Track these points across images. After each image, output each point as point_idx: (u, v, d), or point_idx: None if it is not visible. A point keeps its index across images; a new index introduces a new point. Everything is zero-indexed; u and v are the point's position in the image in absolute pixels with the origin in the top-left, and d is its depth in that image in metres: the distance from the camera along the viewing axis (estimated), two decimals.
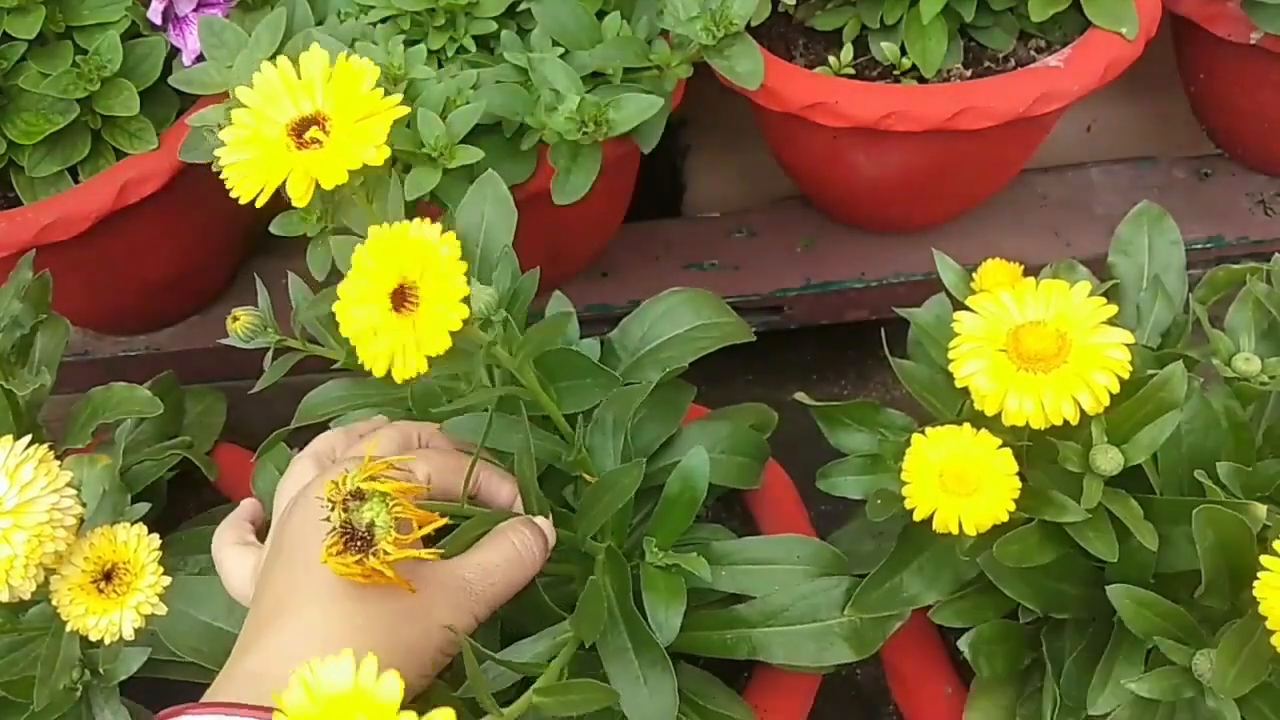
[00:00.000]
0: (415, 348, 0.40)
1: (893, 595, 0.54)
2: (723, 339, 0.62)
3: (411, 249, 0.41)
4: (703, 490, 0.56)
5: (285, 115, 0.45)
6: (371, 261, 0.41)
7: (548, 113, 0.66)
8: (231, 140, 0.45)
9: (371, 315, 0.41)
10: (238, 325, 0.56)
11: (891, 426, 0.58)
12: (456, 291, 0.40)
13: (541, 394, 0.53)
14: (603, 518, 0.52)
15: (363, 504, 0.39)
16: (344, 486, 0.39)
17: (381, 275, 0.41)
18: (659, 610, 0.53)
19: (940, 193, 0.81)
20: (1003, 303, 0.47)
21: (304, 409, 0.61)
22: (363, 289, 0.41)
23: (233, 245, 0.89)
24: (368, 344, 0.41)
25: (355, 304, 0.41)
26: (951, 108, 0.69)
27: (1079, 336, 0.45)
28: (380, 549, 0.39)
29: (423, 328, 0.40)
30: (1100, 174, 0.89)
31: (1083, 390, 0.43)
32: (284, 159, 0.43)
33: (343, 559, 0.39)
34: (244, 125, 0.45)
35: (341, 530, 0.39)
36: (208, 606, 0.55)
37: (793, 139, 0.80)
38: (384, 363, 0.40)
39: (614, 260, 0.88)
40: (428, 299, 0.40)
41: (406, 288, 0.40)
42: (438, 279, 0.40)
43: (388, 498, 0.39)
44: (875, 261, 0.86)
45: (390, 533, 0.39)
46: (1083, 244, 0.85)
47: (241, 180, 0.44)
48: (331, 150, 0.43)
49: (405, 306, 0.40)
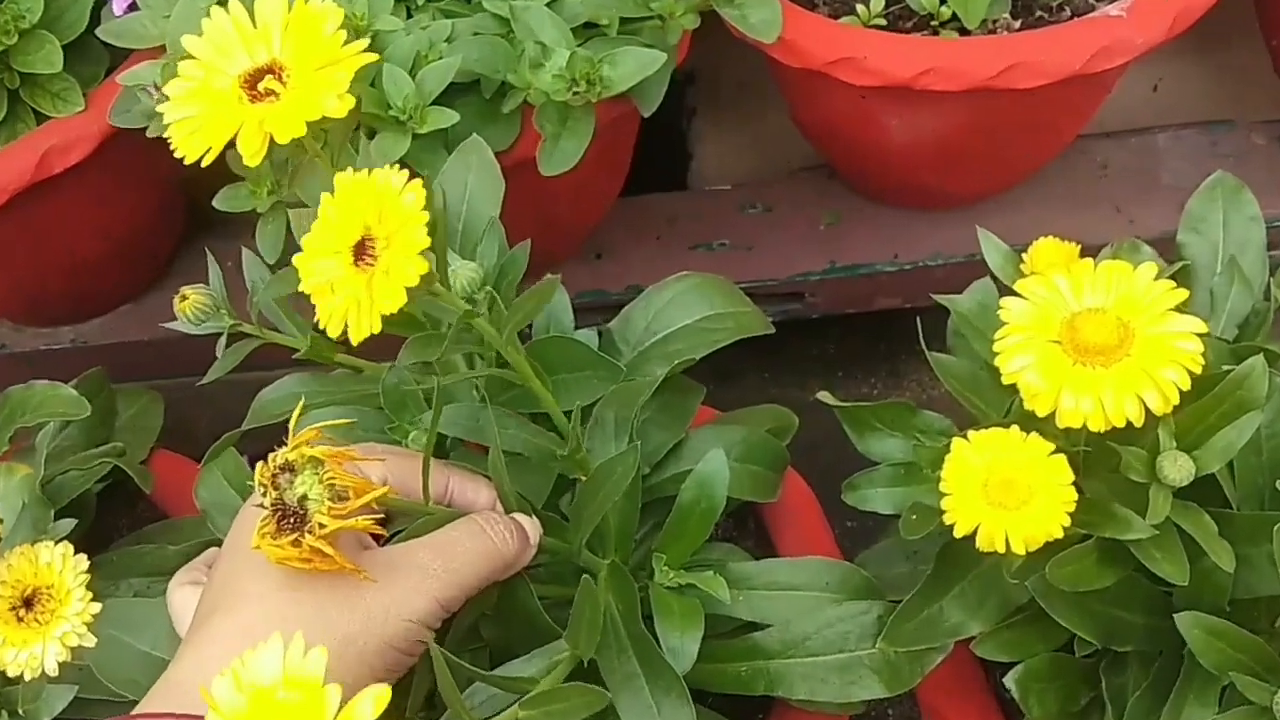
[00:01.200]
0: (370, 304, 0.41)
1: (930, 625, 0.54)
2: (737, 331, 0.62)
3: (374, 197, 0.42)
4: (721, 499, 0.56)
5: (237, 66, 0.45)
6: (335, 211, 0.42)
7: (533, 69, 0.66)
8: (177, 94, 0.46)
9: (332, 269, 0.42)
10: (186, 305, 0.55)
11: (928, 430, 0.58)
12: (415, 243, 0.41)
13: (532, 377, 0.53)
14: (597, 517, 0.52)
15: (294, 478, 0.40)
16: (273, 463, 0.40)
17: (345, 226, 0.42)
18: (673, 635, 0.54)
19: (984, 161, 0.81)
20: (1056, 287, 0.46)
21: (258, 407, 0.61)
22: (325, 240, 0.42)
23: (170, 223, 0.89)
24: (325, 301, 0.42)
25: (317, 256, 0.42)
26: (998, 63, 0.69)
27: (1144, 326, 0.45)
28: (314, 523, 0.39)
29: (378, 283, 0.41)
30: (1168, 140, 0.89)
31: (1148, 387, 0.43)
32: (235, 113, 0.44)
33: (277, 541, 0.39)
34: (191, 78, 0.46)
35: (273, 509, 0.40)
36: (146, 633, 0.56)
37: (815, 100, 0.80)
38: (339, 321, 0.42)
39: (610, 240, 0.88)
40: (385, 252, 0.41)
41: (368, 240, 0.41)
42: (397, 229, 0.41)
43: (320, 466, 0.40)
44: (909, 241, 0.86)
45: (324, 504, 0.40)
46: (1148, 220, 0.85)
47: (187, 138, 0.45)
48: (288, 101, 0.44)
49: (363, 260, 0.41)
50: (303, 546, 0.39)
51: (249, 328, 0.57)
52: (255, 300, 0.57)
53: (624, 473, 0.52)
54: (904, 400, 0.59)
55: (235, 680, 0.31)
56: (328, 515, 0.39)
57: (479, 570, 0.46)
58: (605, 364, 0.55)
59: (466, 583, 0.46)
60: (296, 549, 0.39)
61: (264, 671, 0.31)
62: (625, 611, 0.53)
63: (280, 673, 0.31)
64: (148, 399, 0.80)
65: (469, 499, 0.52)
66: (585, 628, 0.50)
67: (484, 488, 0.52)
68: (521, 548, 0.49)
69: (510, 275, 0.54)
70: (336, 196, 0.43)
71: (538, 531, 0.51)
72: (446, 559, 0.45)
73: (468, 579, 0.46)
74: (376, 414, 0.58)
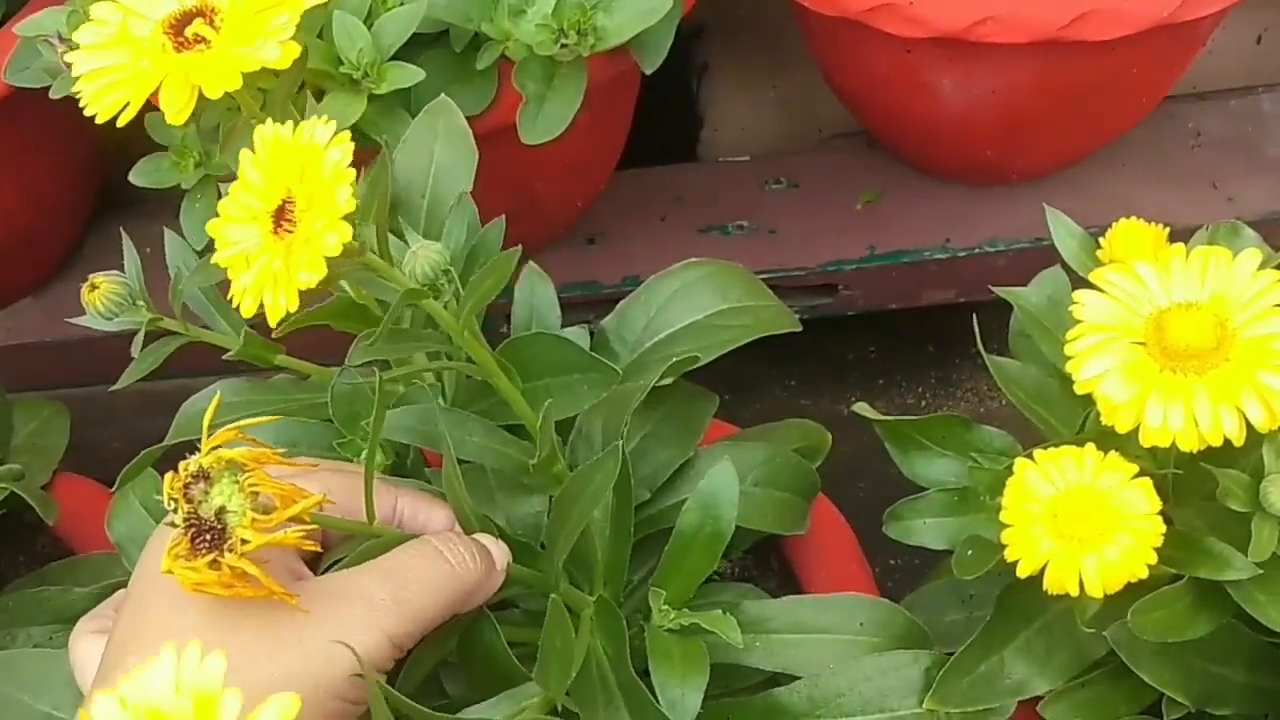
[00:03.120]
0: (286, 277, 0.42)
1: (989, 681, 0.54)
2: (757, 329, 0.62)
3: (297, 156, 0.42)
4: (729, 523, 0.56)
5: (161, 8, 0.46)
6: (255, 173, 0.43)
7: (512, 18, 0.66)
8: (89, 42, 0.46)
9: (249, 237, 0.43)
10: (96, 296, 0.56)
11: (986, 449, 0.59)
12: (337, 206, 0.41)
13: (496, 372, 0.53)
14: (573, 536, 0.52)
15: (210, 488, 0.40)
16: (185, 472, 0.40)
17: (266, 189, 0.43)
18: (672, 686, 0.54)
19: (1052, 129, 0.81)
20: (1141, 278, 0.47)
21: (184, 419, 0.61)
22: (243, 206, 0.43)
23: (76, 201, 0.89)
24: (240, 274, 0.43)
25: (233, 223, 0.43)
26: (1069, 11, 0.69)
27: (1245, 325, 0.45)
28: (235, 539, 0.39)
29: (296, 252, 0.41)
30: (1274, 103, 0.90)
31: (1251, 399, 0.43)
32: (158, 62, 0.44)
33: (192, 563, 0.39)
34: (106, 22, 0.46)
35: (186, 525, 0.39)
36: (47, 692, 0.56)
37: (850, 55, 0.80)
38: (254, 298, 0.42)
39: (604, 221, 0.88)
40: (305, 217, 0.42)
41: (289, 204, 0.42)
42: (318, 190, 0.42)
43: (240, 471, 0.40)
44: (963, 223, 0.86)
45: (246, 515, 0.39)
46: (1250, 198, 0.85)
47: (99, 93, 0.45)
48: (221, 49, 0.44)
49: (283, 227, 0.42)
50: (222, 568, 0.39)
51: (171, 323, 0.57)
52: (179, 290, 0.57)
53: (603, 481, 0.51)
54: (957, 414, 0.59)
55: (119, 700, 0.31)
56: (250, 529, 0.39)
57: (435, 599, 0.46)
58: (597, 366, 0.55)
59: (421, 615, 0.45)
60: (215, 571, 0.39)
61: (155, 687, 0.31)
62: (614, 656, 0.53)
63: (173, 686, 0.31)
64: (50, 412, 0.81)
65: (420, 522, 0.52)
66: (556, 662, 0.49)
67: (439, 509, 0.52)
68: (486, 573, 0.49)
69: (481, 258, 0.54)
70: (257, 155, 0.43)
71: (505, 556, 0.51)
72: (396, 586, 0.45)
73: (423, 610, 0.46)
74: (324, 427, 0.58)
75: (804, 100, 0.93)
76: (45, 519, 0.73)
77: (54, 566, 0.74)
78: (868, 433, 0.60)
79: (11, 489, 0.71)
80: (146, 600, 0.44)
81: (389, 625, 0.44)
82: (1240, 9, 0.71)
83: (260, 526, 0.39)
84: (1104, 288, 0.47)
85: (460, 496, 0.51)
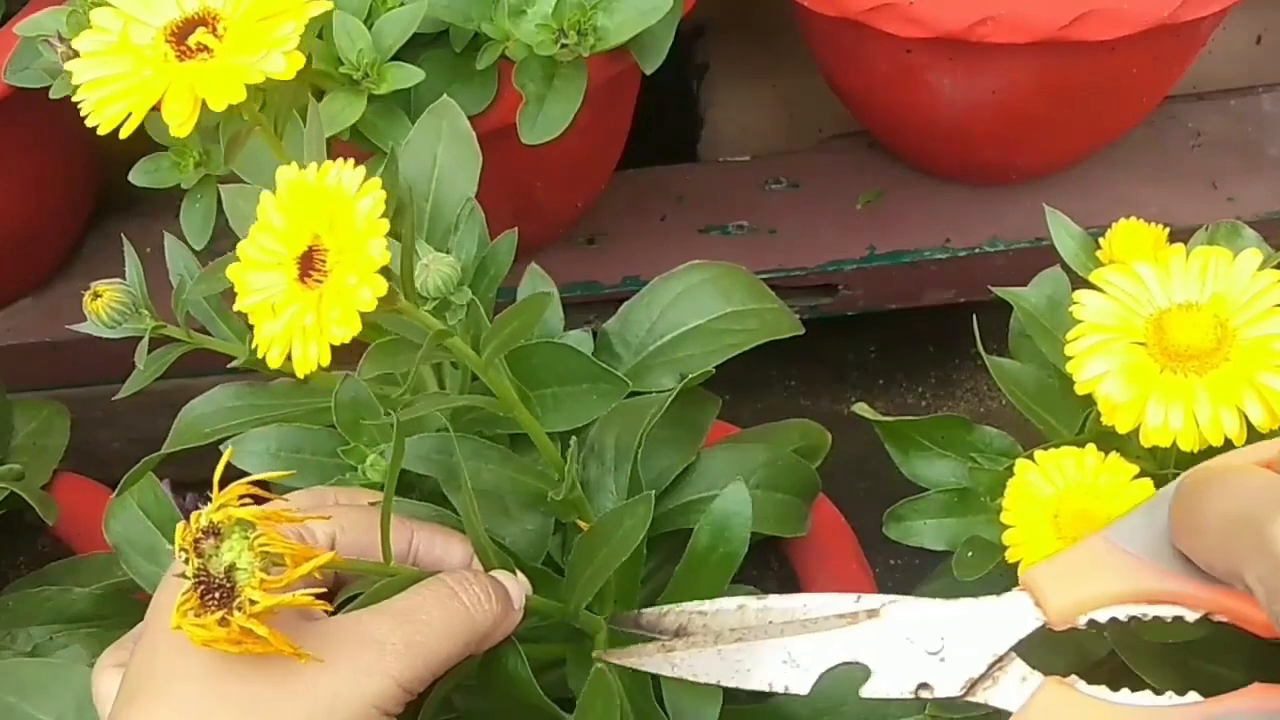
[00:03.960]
0: (317, 331, 0.41)
1: None
2: (761, 333, 0.62)
3: (324, 201, 0.41)
4: (743, 544, 0.56)
5: (163, 16, 0.45)
6: (278, 216, 0.42)
7: (512, 18, 0.66)
8: (90, 50, 0.45)
9: (274, 285, 0.41)
10: (99, 305, 0.55)
11: (986, 450, 0.58)
12: (370, 260, 0.40)
13: (518, 403, 0.53)
14: (600, 579, 0.52)
15: (220, 544, 0.39)
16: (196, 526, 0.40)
17: (290, 234, 0.42)
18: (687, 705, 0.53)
19: (1053, 129, 0.81)
20: (1141, 279, 0.47)
21: (183, 425, 0.61)
22: (266, 250, 0.42)
23: (76, 201, 0.89)
24: (265, 324, 0.42)
25: (255, 269, 0.42)
26: (1069, 11, 0.69)
27: (1245, 325, 0.45)
28: (244, 599, 0.39)
29: (327, 305, 0.41)
30: (1274, 103, 0.90)
31: (1251, 399, 0.43)
32: (161, 72, 0.44)
33: (200, 620, 0.39)
34: (106, 30, 0.46)
35: (196, 581, 0.39)
36: (49, 700, 0.55)
37: (850, 55, 0.80)
38: (281, 349, 0.41)
39: (604, 222, 0.88)
40: (337, 268, 0.41)
41: (316, 252, 0.41)
42: (350, 241, 0.41)
43: (249, 529, 0.39)
44: (963, 223, 0.86)
45: (255, 574, 0.39)
46: (1250, 198, 0.85)
47: (102, 102, 0.44)
48: (225, 58, 0.44)
49: (311, 276, 0.41)
50: (230, 626, 0.39)
51: (174, 330, 0.57)
52: (181, 300, 0.57)
53: (635, 528, 0.51)
54: (957, 415, 0.59)
55: None
56: (259, 589, 0.39)
57: (448, 643, 0.46)
58: (606, 377, 0.55)
59: (433, 659, 0.45)
60: (224, 629, 0.39)
61: None
62: (631, 686, 0.53)
63: None
64: (50, 412, 0.81)
65: (436, 557, 0.51)
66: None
67: (456, 544, 0.52)
68: (503, 613, 0.48)
69: (493, 271, 0.54)
70: (280, 197, 0.42)
71: (523, 592, 0.50)
72: (408, 630, 0.44)
73: (434, 654, 0.45)
74: (327, 434, 0.58)
75: (804, 100, 0.93)
76: (45, 519, 0.73)
77: (54, 566, 0.74)
78: (868, 433, 0.60)
79: (11, 489, 0.71)
80: (158, 641, 0.44)
81: (399, 671, 0.44)
82: (1240, 9, 0.71)
83: (269, 586, 0.39)
84: (1104, 288, 0.47)
85: (478, 531, 0.50)
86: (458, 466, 0.52)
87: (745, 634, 0.47)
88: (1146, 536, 0.42)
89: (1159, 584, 0.41)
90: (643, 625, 0.50)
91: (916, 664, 0.44)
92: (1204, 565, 0.39)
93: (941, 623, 0.45)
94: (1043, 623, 0.43)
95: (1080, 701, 0.42)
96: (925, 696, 0.44)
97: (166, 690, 0.42)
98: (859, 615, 0.46)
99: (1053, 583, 0.43)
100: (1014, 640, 0.43)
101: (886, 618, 0.45)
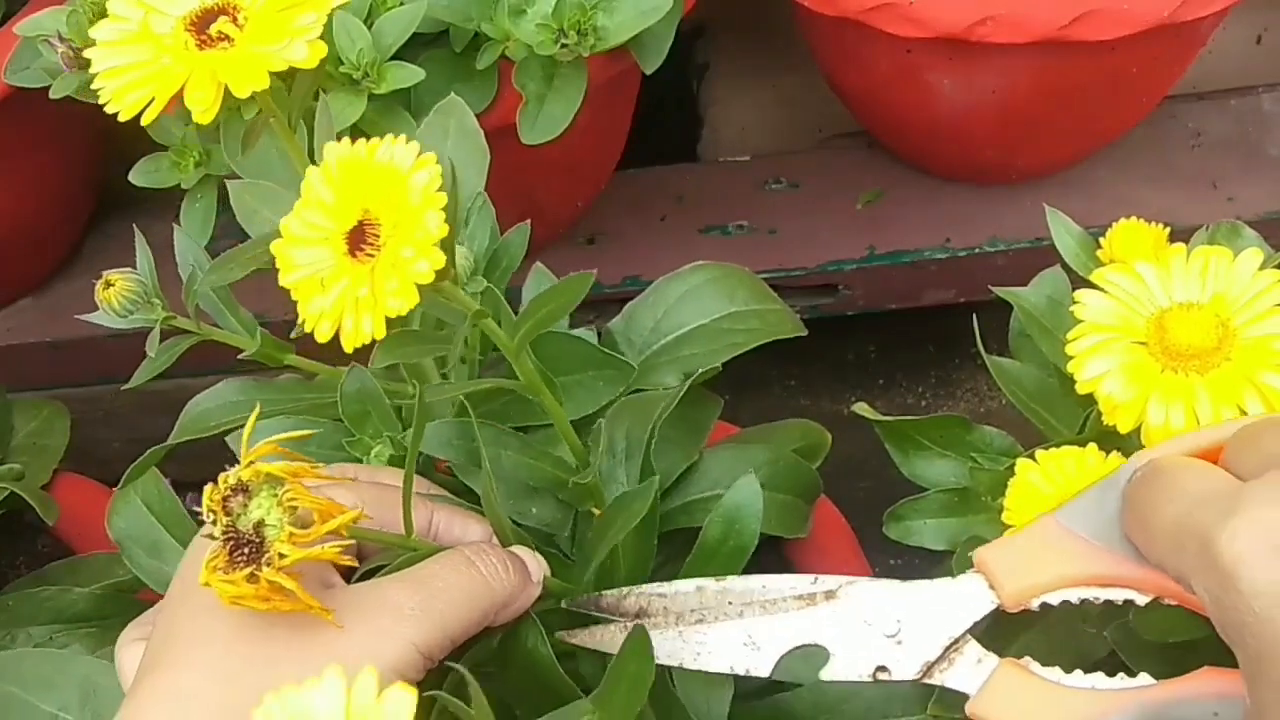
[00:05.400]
0: (371, 303, 0.41)
1: None
2: (764, 333, 0.62)
3: (376, 176, 0.41)
4: (753, 537, 0.56)
5: (183, 6, 0.45)
6: (326, 190, 0.42)
7: (512, 18, 0.66)
8: (108, 38, 0.46)
9: (321, 260, 0.41)
10: (112, 294, 0.55)
11: (987, 449, 0.58)
12: (428, 233, 0.40)
13: (543, 389, 0.53)
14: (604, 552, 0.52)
15: (249, 501, 0.40)
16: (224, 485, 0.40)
17: (340, 208, 0.42)
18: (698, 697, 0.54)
19: (1053, 129, 0.81)
20: (1141, 278, 0.47)
21: (189, 418, 0.61)
22: (313, 225, 0.42)
23: (76, 201, 0.89)
24: (311, 299, 0.42)
25: (300, 244, 0.42)
26: (1069, 11, 0.69)
27: (1246, 325, 0.45)
28: (273, 553, 0.39)
29: (381, 278, 0.40)
30: (1274, 103, 0.90)
31: (1251, 398, 0.43)
32: (182, 60, 0.44)
33: (229, 577, 0.39)
34: (126, 19, 0.46)
35: (225, 538, 0.40)
36: (52, 692, 0.55)
37: (850, 55, 0.80)
38: (331, 322, 0.41)
39: (604, 222, 0.88)
40: (391, 241, 0.41)
41: (368, 226, 0.41)
42: (405, 215, 0.41)
43: (279, 485, 0.40)
44: (963, 223, 0.86)
45: (284, 530, 0.39)
46: (1250, 198, 0.85)
47: (122, 90, 0.44)
48: (246, 47, 0.44)
49: (363, 250, 0.41)
50: (260, 581, 0.39)
51: (184, 322, 0.57)
52: (193, 291, 0.57)
53: (639, 508, 0.52)
54: (958, 414, 0.59)
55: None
56: (288, 543, 0.39)
57: (465, 609, 0.46)
58: (613, 363, 0.55)
59: (451, 626, 0.45)
60: (253, 585, 0.39)
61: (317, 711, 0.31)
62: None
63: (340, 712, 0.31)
64: (50, 412, 0.81)
65: (456, 536, 0.52)
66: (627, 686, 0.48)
67: (475, 523, 0.52)
68: (521, 585, 0.48)
69: (505, 263, 0.54)
70: (328, 172, 0.42)
71: (542, 568, 0.50)
72: (425, 596, 0.45)
73: (452, 620, 0.45)
74: (333, 426, 0.58)
75: (804, 100, 0.93)
76: (45, 519, 0.73)
77: (54, 566, 0.74)
78: (868, 433, 0.60)
79: (11, 489, 0.71)
80: (179, 608, 0.45)
81: (417, 635, 0.44)
82: (1240, 9, 0.71)
83: (298, 541, 0.39)
84: (1105, 287, 0.47)
85: (498, 512, 0.50)
86: (477, 451, 0.53)
87: (705, 615, 0.48)
88: (1098, 520, 0.42)
89: (1110, 568, 0.42)
90: (603, 607, 0.50)
91: (874, 647, 0.45)
92: (1154, 565, 0.40)
93: (898, 605, 0.45)
94: (997, 605, 0.44)
95: (1035, 684, 0.42)
96: (883, 679, 0.45)
97: (189, 654, 0.43)
98: (816, 597, 0.47)
99: (1006, 566, 0.43)
100: (969, 623, 0.44)
101: (844, 599, 0.46)
